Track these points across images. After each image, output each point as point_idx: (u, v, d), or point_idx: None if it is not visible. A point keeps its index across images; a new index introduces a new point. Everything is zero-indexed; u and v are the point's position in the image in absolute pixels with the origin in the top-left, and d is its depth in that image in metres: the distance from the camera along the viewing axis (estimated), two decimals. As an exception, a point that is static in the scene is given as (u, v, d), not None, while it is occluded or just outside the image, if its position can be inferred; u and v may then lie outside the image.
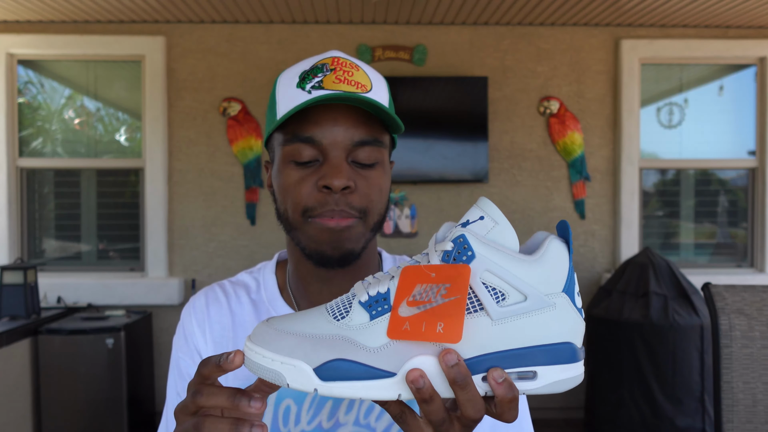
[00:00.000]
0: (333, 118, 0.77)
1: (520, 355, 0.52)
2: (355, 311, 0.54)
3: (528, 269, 0.53)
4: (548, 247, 0.54)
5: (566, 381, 0.53)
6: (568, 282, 0.54)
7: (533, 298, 0.52)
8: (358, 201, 0.77)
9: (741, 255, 4.03)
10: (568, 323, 0.53)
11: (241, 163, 3.77)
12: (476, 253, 0.52)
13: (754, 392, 1.20)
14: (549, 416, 3.80)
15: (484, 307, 0.52)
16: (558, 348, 0.53)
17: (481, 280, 0.52)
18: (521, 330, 0.52)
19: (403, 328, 0.51)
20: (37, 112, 3.90)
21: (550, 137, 3.86)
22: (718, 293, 1.24)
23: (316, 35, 3.80)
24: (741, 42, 3.85)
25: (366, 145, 0.78)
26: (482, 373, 0.52)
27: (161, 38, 3.72)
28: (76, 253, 3.91)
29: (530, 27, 3.85)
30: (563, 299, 0.53)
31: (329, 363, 0.51)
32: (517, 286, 0.52)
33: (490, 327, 0.52)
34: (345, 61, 0.81)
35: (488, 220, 0.54)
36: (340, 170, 0.75)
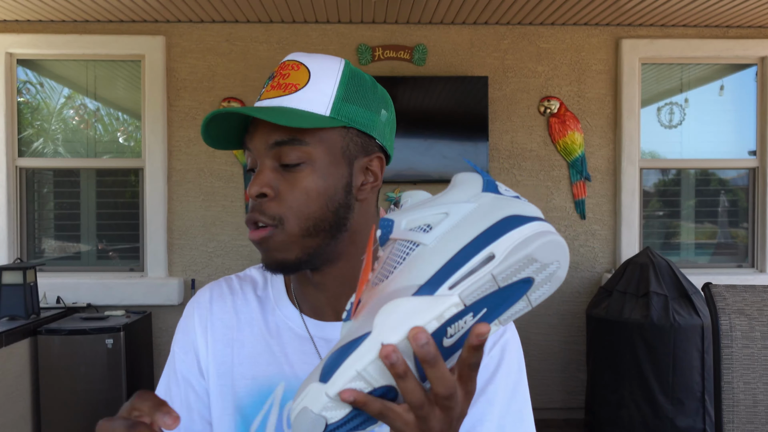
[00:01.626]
0: (255, 124, 0.79)
1: (467, 251, 0.52)
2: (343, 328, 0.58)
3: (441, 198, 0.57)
4: (453, 179, 0.58)
5: (528, 238, 0.51)
6: (486, 185, 0.56)
7: (454, 209, 0.55)
8: (275, 208, 0.76)
9: (742, 255, 4.03)
10: (503, 206, 0.54)
11: (241, 163, 3.77)
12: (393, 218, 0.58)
13: (755, 392, 1.20)
14: (549, 416, 3.80)
15: (418, 243, 0.55)
16: (499, 224, 0.53)
17: (406, 228, 0.56)
18: (458, 236, 0.53)
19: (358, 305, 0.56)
20: (37, 111, 3.90)
21: (550, 137, 3.85)
22: (719, 293, 1.24)
23: (316, 35, 3.80)
24: (741, 42, 3.85)
25: (283, 145, 0.77)
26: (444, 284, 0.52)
27: (161, 38, 3.72)
28: (75, 253, 3.91)
29: (530, 27, 3.84)
30: (487, 196, 0.55)
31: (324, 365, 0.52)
32: (435, 211, 0.56)
33: (431, 251, 0.54)
34: (290, 63, 0.80)
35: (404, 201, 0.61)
36: (257, 177, 0.77)
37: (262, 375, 0.83)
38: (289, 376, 0.82)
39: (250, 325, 0.86)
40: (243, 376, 0.84)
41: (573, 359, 3.85)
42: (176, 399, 0.87)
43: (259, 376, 0.83)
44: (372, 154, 0.83)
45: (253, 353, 0.85)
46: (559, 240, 0.52)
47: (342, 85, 0.79)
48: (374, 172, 0.83)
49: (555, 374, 3.86)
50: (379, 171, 0.84)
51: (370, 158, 0.83)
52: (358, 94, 0.81)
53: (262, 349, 0.85)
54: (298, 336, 0.84)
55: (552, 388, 3.85)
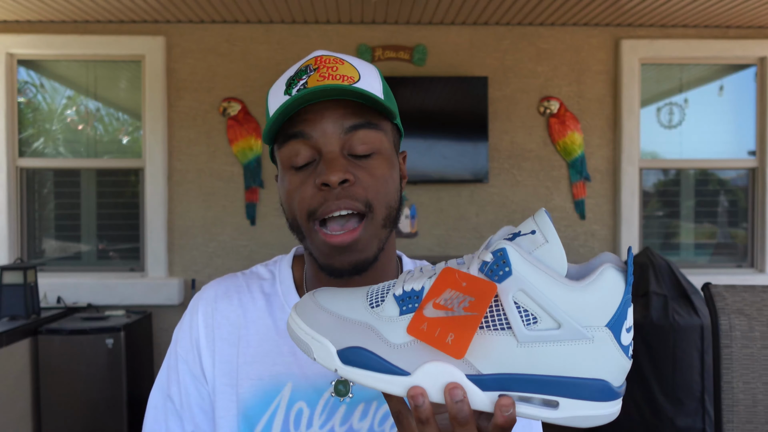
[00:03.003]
0: (320, 111, 0.75)
1: (542, 381, 0.50)
2: (388, 302, 0.54)
3: (569, 296, 0.50)
4: (600, 275, 0.50)
5: (593, 419, 0.50)
6: (617, 317, 0.50)
7: (568, 327, 0.49)
8: (362, 193, 0.74)
9: (741, 255, 4.03)
10: (606, 360, 0.50)
11: (241, 163, 3.77)
12: (513, 270, 0.50)
13: (755, 392, 1.20)
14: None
15: (511, 326, 0.50)
16: (587, 383, 0.49)
17: (513, 299, 0.50)
18: (548, 357, 0.50)
19: (421, 327, 0.51)
20: (37, 112, 3.90)
21: (550, 137, 3.85)
22: (719, 293, 1.24)
23: (316, 35, 3.80)
24: (741, 42, 3.85)
25: (360, 128, 0.76)
26: (500, 391, 0.50)
27: (161, 38, 3.72)
28: (75, 253, 3.91)
29: (530, 27, 3.85)
30: (604, 334, 0.49)
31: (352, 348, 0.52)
32: (552, 312, 0.49)
33: (514, 348, 0.50)
34: (329, 57, 0.79)
35: (539, 236, 0.52)
36: (333, 164, 0.73)
37: (268, 375, 0.81)
38: (297, 376, 0.81)
39: (256, 324, 0.84)
40: (248, 376, 0.82)
41: (573, 359, 3.85)
42: (176, 398, 0.85)
43: (265, 376, 0.81)
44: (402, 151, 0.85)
45: (260, 352, 0.83)
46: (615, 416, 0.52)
47: (383, 83, 0.81)
48: (404, 169, 0.85)
49: (555, 374, 3.86)
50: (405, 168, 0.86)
51: (403, 154, 0.85)
52: (389, 93, 0.82)
53: (269, 348, 0.82)
54: None
55: (552, 388, 3.85)
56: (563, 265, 0.51)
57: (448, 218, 3.86)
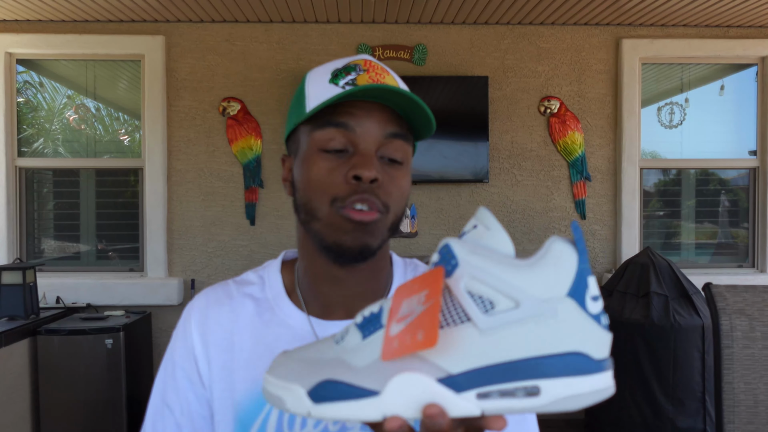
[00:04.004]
0: (367, 110, 0.78)
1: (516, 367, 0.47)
2: (350, 333, 0.54)
3: (521, 273, 0.48)
4: (549, 248, 0.48)
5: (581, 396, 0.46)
6: (576, 285, 0.47)
7: (527, 304, 0.47)
8: (384, 196, 0.77)
9: (742, 255, 4.02)
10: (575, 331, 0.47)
11: (241, 163, 3.77)
12: (459, 260, 0.49)
13: (756, 393, 1.19)
14: (549, 416, 3.79)
15: (470, 317, 0.48)
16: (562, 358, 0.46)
17: (465, 288, 0.49)
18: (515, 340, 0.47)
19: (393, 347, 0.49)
20: (37, 111, 3.90)
21: (550, 137, 3.85)
22: (720, 293, 1.23)
23: (316, 35, 3.79)
24: (742, 41, 3.84)
25: (398, 138, 0.79)
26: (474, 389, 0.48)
27: (160, 38, 3.71)
28: (75, 253, 3.91)
29: (530, 26, 3.84)
30: (567, 304, 0.47)
31: (321, 384, 0.51)
32: (507, 292, 0.48)
33: (478, 338, 0.48)
34: (377, 64, 0.82)
35: (480, 228, 0.51)
36: (370, 161, 0.76)
37: (261, 378, 0.82)
38: None
39: (248, 329, 0.85)
40: (243, 379, 0.83)
41: (573, 359, 3.84)
42: (175, 406, 0.86)
43: (258, 379, 0.82)
44: None
45: (252, 357, 0.84)
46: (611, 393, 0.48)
47: None
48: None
49: (555, 374, 3.85)
50: None
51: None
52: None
53: (261, 352, 0.83)
54: (299, 336, 0.83)
55: (552, 388, 3.84)
56: (510, 249, 0.50)
57: (448, 218, 3.85)
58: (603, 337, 0.48)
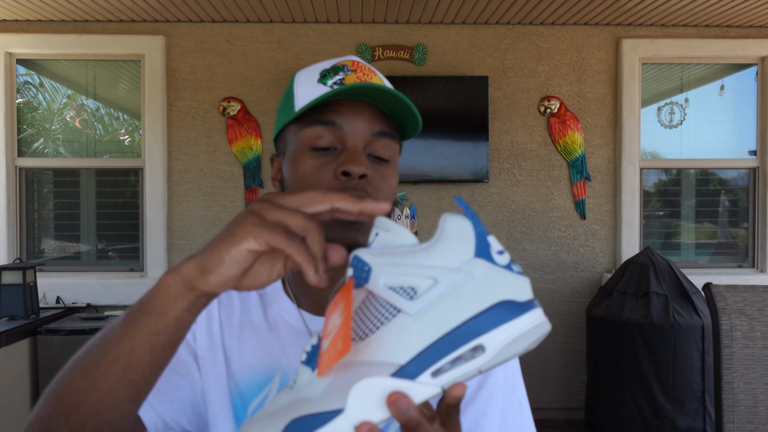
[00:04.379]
0: (355, 109, 0.79)
1: (455, 336, 0.49)
2: (300, 372, 0.55)
3: (427, 254, 0.51)
4: (442, 225, 0.52)
5: (522, 336, 0.48)
6: (479, 246, 0.50)
7: (443, 277, 0.50)
8: (373, 192, 0.79)
9: (742, 255, 4.02)
10: (494, 283, 0.49)
11: (241, 162, 3.77)
12: (371, 265, 0.52)
13: (755, 393, 1.20)
14: (549, 416, 3.80)
15: (399, 309, 0.50)
16: (493, 311, 0.48)
17: (385, 285, 0.51)
18: (445, 312, 0.49)
19: (323, 361, 0.51)
20: (37, 111, 3.90)
21: (550, 137, 3.85)
22: (719, 293, 1.23)
23: (316, 35, 3.79)
24: (742, 41, 3.85)
25: (384, 136, 0.80)
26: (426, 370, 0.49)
27: (161, 38, 3.72)
28: (75, 253, 3.91)
29: (530, 26, 3.84)
30: (479, 264, 0.50)
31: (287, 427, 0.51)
32: (422, 273, 0.50)
33: (413, 324, 0.50)
34: (365, 65, 0.83)
35: (382, 234, 0.54)
36: (359, 158, 0.77)
37: (259, 365, 0.84)
38: (286, 368, 0.83)
39: (250, 316, 0.87)
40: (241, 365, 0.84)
41: (573, 359, 3.85)
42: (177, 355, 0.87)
43: (256, 365, 0.84)
44: None
45: (253, 344, 0.85)
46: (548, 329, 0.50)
47: None
48: None
49: (555, 374, 3.86)
50: None
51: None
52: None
53: (261, 340, 0.85)
54: (295, 330, 0.85)
55: (552, 388, 3.85)
56: (411, 238, 0.53)
57: (448, 218, 3.85)
58: (520, 281, 0.50)
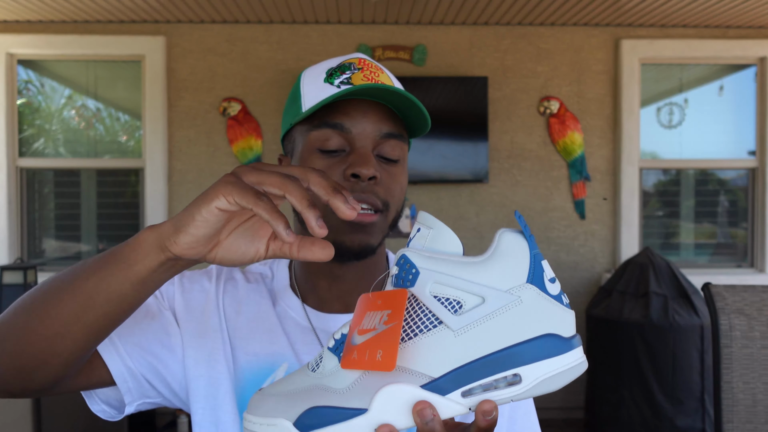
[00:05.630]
0: (362, 110, 0.79)
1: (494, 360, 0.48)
2: (326, 358, 0.54)
3: (479, 270, 0.50)
4: (498, 241, 0.51)
5: (561, 374, 0.48)
6: (532, 271, 0.50)
7: (492, 297, 0.49)
8: (383, 193, 0.79)
9: (741, 255, 4.03)
10: (543, 314, 0.49)
11: (241, 163, 3.77)
12: (419, 269, 0.50)
13: (754, 392, 1.20)
14: (549, 416, 3.80)
15: (441, 320, 0.49)
16: (536, 342, 0.48)
17: (431, 294, 0.50)
18: (488, 334, 0.48)
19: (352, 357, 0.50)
20: (38, 112, 3.91)
21: (550, 137, 3.85)
22: (719, 293, 1.24)
23: (316, 35, 3.80)
24: (741, 42, 3.85)
25: (392, 138, 0.80)
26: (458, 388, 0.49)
27: (161, 38, 3.72)
28: (76, 253, 3.91)
29: (530, 27, 3.85)
30: (530, 291, 0.49)
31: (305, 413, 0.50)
32: (471, 289, 0.49)
33: (453, 339, 0.49)
34: (371, 63, 0.83)
35: (424, 230, 0.53)
36: (368, 160, 0.76)
37: (264, 353, 0.83)
38: (292, 359, 0.83)
39: (257, 302, 0.86)
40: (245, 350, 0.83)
41: (573, 359, 3.85)
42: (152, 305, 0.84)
43: (261, 353, 0.83)
44: None
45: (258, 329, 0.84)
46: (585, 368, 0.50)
47: None
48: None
49: (555, 374, 3.86)
50: None
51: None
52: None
53: (267, 328, 0.85)
54: (300, 326, 0.84)
55: (552, 387, 3.85)
56: (458, 245, 0.52)
57: (448, 218, 3.86)
58: (568, 316, 0.50)
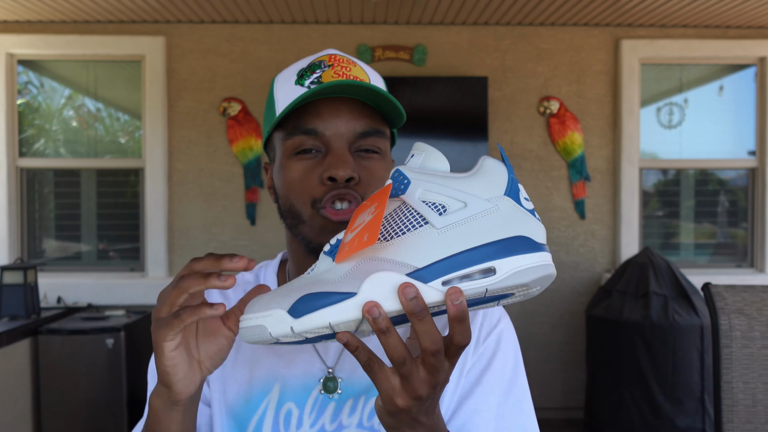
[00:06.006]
0: (335, 109, 0.77)
1: (472, 255, 0.54)
2: (320, 261, 0.59)
3: (463, 182, 0.57)
4: (481, 164, 0.58)
5: (531, 269, 0.54)
6: (510, 188, 0.57)
7: (473, 203, 0.55)
8: (362, 191, 0.78)
9: (741, 255, 4.03)
10: (517, 220, 0.55)
11: (241, 163, 3.77)
12: (410, 179, 0.58)
13: (754, 392, 1.20)
14: (549, 416, 3.80)
15: (428, 220, 0.56)
16: (510, 241, 0.54)
17: (420, 198, 0.56)
18: (468, 233, 0.54)
19: (345, 250, 0.56)
20: (38, 112, 3.91)
21: (550, 137, 3.86)
22: (718, 293, 1.24)
23: (316, 35, 3.80)
24: (741, 42, 3.85)
25: (369, 135, 0.79)
26: (441, 277, 0.54)
27: (161, 38, 3.72)
28: (76, 253, 3.91)
29: (530, 27, 3.85)
30: (507, 201, 0.56)
31: (298, 301, 0.55)
32: (455, 195, 0.56)
33: (437, 236, 0.55)
34: (342, 57, 0.81)
35: (417, 153, 0.60)
36: (344, 161, 0.75)
37: (256, 378, 0.83)
38: (285, 377, 0.82)
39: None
40: (235, 380, 0.83)
41: (573, 359, 3.85)
42: None
43: (253, 379, 0.83)
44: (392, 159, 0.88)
45: (246, 357, 0.84)
46: (553, 273, 0.56)
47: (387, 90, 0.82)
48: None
49: (555, 374, 3.86)
50: None
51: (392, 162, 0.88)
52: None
53: (254, 354, 0.84)
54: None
55: (552, 387, 3.86)
56: (446, 164, 0.59)
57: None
58: (539, 226, 0.57)
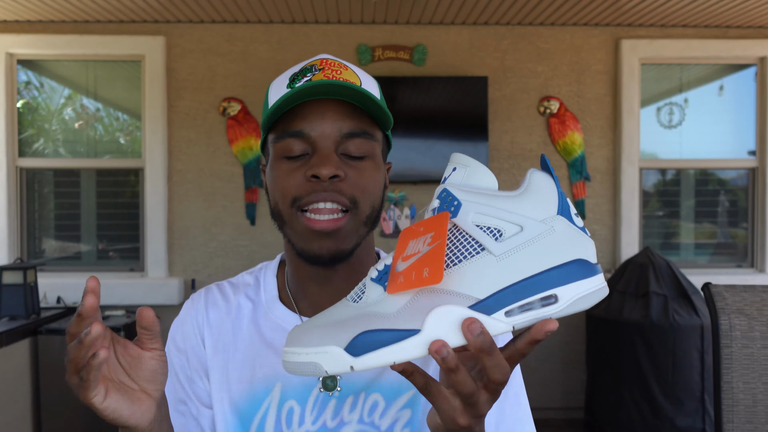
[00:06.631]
0: (321, 111, 0.78)
1: (534, 282, 0.53)
2: (369, 288, 0.57)
3: (516, 202, 0.55)
4: (530, 179, 0.56)
5: (589, 295, 0.54)
6: (561, 205, 0.56)
7: (529, 226, 0.54)
8: (348, 189, 0.77)
9: (741, 255, 4.03)
10: (573, 242, 0.55)
11: (241, 163, 3.77)
12: (461, 201, 0.55)
13: (755, 392, 1.20)
14: (549, 416, 3.80)
15: (484, 247, 0.54)
16: (570, 267, 0.53)
17: (473, 223, 0.54)
18: (527, 259, 0.53)
19: (398, 281, 0.53)
20: (37, 112, 3.90)
21: (550, 137, 3.85)
22: (719, 293, 1.24)
23: (316, 35, 3.80)
24: (741, 42, 3.85)
25: (355, 137, 0.79)
26: (503, 308, 0.53)
27: (161, 38, 3.72)
28: (75, 253, 3.91)
29: (530, 27, 3.85)
30: (561, 221, 0.55)
31: (356, 338, 0.53)
32: (510, 219, 0.54)
33: (496, 264, 0.53)
34: (333, 61, 0.81)
35: (460, 168, 0.57)
36: (327, 159, 0.76)
37: (257, 378, 0.84)
38: (286, 375, 0.83)
39: (243, 331, 0.87)
40: (239, 380, 0.84)
41: (573, 359, 3.85)
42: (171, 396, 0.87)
43: (254, 379, 0.84)
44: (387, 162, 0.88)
45: (248, 357, 0.85)
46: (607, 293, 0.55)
47: (381, 94, 0.83)
48: (387, 178, 0.87)
49: (555, 374, 3.86)
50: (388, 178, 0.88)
51: (388, 166, 0.88)
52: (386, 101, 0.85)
53: (256, 353, 0.85)
54: None
55: (552, 387, 3.85)
56: (494, 180, 0.57)
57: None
58: (591, 244, 0.56)
